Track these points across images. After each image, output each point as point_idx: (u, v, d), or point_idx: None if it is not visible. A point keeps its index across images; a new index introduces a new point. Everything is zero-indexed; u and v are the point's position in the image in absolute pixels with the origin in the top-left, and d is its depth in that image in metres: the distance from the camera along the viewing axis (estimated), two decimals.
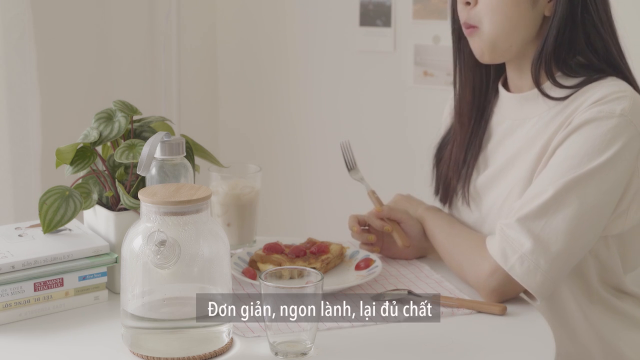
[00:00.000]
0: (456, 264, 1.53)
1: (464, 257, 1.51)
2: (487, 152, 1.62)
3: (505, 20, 1.48)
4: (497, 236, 1.45)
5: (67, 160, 1.47)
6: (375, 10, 2.98)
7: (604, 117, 1.42)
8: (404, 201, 1.72)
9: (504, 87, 1.61)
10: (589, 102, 1.45)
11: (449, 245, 1.56)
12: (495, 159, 1.60)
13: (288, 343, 1.24)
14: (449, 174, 1.67)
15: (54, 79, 2.62)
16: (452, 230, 1.58)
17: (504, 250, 1.43)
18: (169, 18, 3.02)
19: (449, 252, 1.56)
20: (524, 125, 1.55)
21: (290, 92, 3.22)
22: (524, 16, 1.49)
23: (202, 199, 1.23)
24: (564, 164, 1.43)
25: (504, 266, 1.43)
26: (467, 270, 1.49)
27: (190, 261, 1.23)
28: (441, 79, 2.91)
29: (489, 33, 1.50)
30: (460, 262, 1.51)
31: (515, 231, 1.43)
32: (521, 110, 1.56)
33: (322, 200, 3.21)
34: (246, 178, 1.66)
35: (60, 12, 2.66)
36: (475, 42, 1.53)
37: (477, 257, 1.48)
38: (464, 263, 1.50)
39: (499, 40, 1.50)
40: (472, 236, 1.54)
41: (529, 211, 1.43)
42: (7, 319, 1.35)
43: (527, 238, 1.42)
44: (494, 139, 1.62)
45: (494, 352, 1.29)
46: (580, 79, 1.49)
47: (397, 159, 3.04)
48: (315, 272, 1.26)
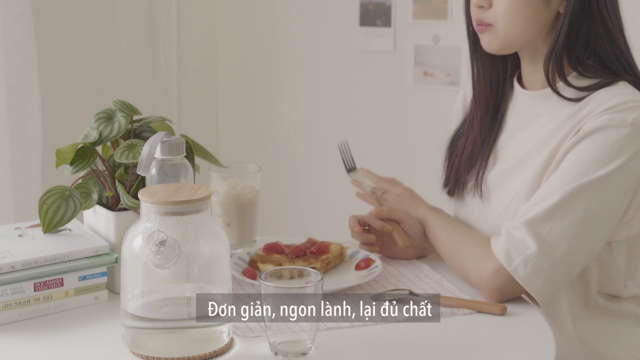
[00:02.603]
0: (458, 263, 1.53)
1: (467, 255, 1.51)
2: (498, 146, 1.63)
3: (520, 20, 1.50)
4: (503, 237, 1.45)
5: (67, 160, 1.47)
6: (375, 10, 2.98)
7: (615, 125, 1.43)
8: (406, 197, 1.72)
9: (518, 83, 1.62)
10: (601, 109, 1.45)
11: (452, 245, 1.56)
12: (506, 154, 1.61)
13: (288, 343, 1.24)
14: (460, 167, 1.67)
15: (54, 79, 2.63)
16: (456, 230, 1.58)
17: (508, 252, 1.43)
18: (169, 18, 3.02)
19: (452, 251, 1.55)
20: (535, 122, 1.56)
21: (290, 92, 3.22)
22: (538, 15, 1.50)
23: (202, 199, 1.23)
24: (573, 169, 1.44)
25: (508, 267, 1.43)
26: (470, 269, 1.49)
27: (190, 261, 1.23)
28: (441, 79, 2.91)
29: (502, 31, 1.52)
30: (463, 261, 1.51)
31: (522, 233, 1.43)
32: (533, 107, 1.57)
33: (322, 200, 3.21)
34: (246, 178, 1.66)
35: (60, 12, 2.66)
36: (485, 37, 1.55)
37: (481, 256, 1.48)
38: (467, 262, 1.50)
39: (512, 37, 1.52)
40: (477, 236, 1.54)
41: (536, 214, 1.43)
42: (7, 319, 1.35)
43: (533, 241, 1.42)
44: (505, 133, 1.62)
45: (494, 352, 1.29)
46: (593, 81, 1.50)
47: (397, 159, 3.04)
48: (315, 272, 1.26)
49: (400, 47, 2.97)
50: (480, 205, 1.62)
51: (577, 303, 1.55)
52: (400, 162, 3.03)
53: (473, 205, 1.64)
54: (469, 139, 1.66)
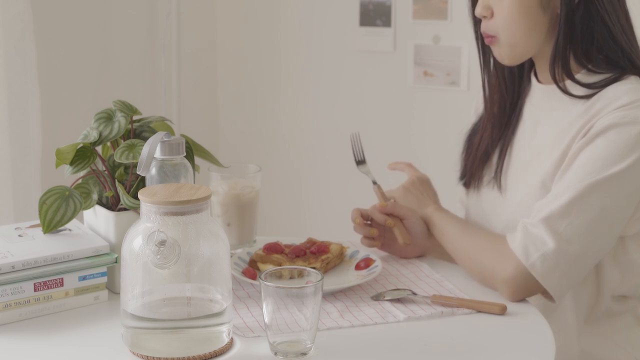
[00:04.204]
0: (472, 261, 1.52)
1: (483, 252, 1.50)
2: (515, 139, 1.64)
3: (520, 29, 1.52)
4: (520, 233, 1.46)
5: (67, 160, 1.47)
6: (375, 10, 2.98)
7: (629, 122, 1.44)
8: (415, 190, 1.69)
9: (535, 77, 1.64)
10: (613, 107, 1.46)
11: (465, 242, 1.55)
12: (523, 148, 1.62)
13: (288, 343, 1.24)
14: (475, 162, 1.68)
15: (54, 79, 2.63)
16: (468, 228, 1.58)
17: (526, 247, 1.44)
18: (169, 18, 3.02)
19: (465, 249, 1.54)
20: (550, 115, 1.57)
21: (290, 92, 3.22)
22: (537, 21, 1.52)
23: (202, 199, 1.22)
24: (587, 166, 1.45)
25: (525, 263, 1.43)
26: (487, 266, 1.48)
27: (190, 261, 1.23)
28: (441, 79, 2.91)
29: (506, 42, 1.54)
30: (479, 258, 1.51)
31: (539, 230, 1.44)
32: (548, 101, 1.59)
33: (322, 200, 3.21)
34: (246, 178, 1.66)
35: (60, 12, 2.66)
36: (495, 50, 1.57)
37: (498, 253, 1.48)
38: (484, 259, 1.50)
39: (517, 47, 1.54)
40: (490, 233, 1.55)
41: (552, 211, 1.44)
42: (7, 319, 1.35)
43: (551, 237, 1.43)
44: (522, 127, 1.64)
45: (494, 352, 1.29)
46: (602, 77, 1.51)
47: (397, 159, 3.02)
48: (315, 272, 1.26)
49: (400, 47, 2.97)
50: (498, 197, 1.63)
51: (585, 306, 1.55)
52: None
53: (490, 198, 1.64)
54: (483, 136, 1.68)
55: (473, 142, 1.71)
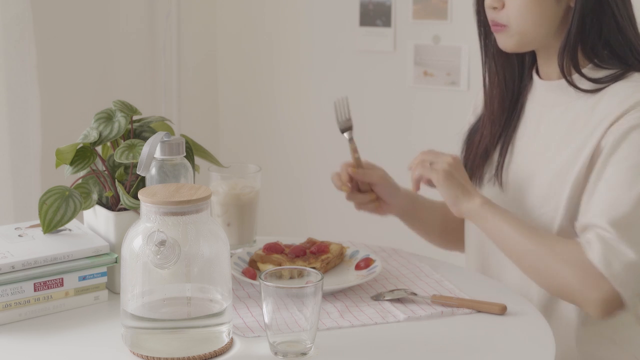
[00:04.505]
0: (546, 266, 1.47)
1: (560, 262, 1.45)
2: (517, 136, 1.64)
3: (533, 18, 1.52)
4: (597, 243, 1.42)
5: (67, 161, 1.47)
6: (375, 10, 2.98)
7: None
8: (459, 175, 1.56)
9: (537, 73, 1.64)
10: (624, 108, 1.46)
11: (533, 246, 1.48)
12: (526, 145, 1.62)
13: (288, 343, 1.24)
14: (476, 160, 1.69)
15: (54, 79, 2.63)
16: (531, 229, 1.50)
17: (606, 258, 1.41)
18: (169, 18, 3.02)
19: (536, 253, 1.48)
20: (552, 112, 1.58)
21: (290, 92, 3.22)
22: (550, 12, 1.52)
23: (202, 199, 1.22)
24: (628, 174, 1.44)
25: (607, 274, 1.41)
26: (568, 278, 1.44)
27: (190, 261, 1.23)
28: (441, 79, 2.91)
29: (517, 31, 1.54)
30: (556, 267, 1.46)
31: (615, 240, 1.41)
32: (550, 97, 1.59)
33: (322, 200, 3.21)
34: (246, 178, 1.66)
35: (60, 12, 2.66)
36: (501, 37, 1.57)
37: (578, 263, 1.43)
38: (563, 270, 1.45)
39: (526, 35, 1.54)
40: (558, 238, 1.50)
41: (620, 218, 1.42)
42: (7, 319, 1.35)
43: (628, 247, 1.41)
44: (524, 124, 1.64)
45: (494, 352, 1.29)
46: (607, 73, 1.52)
47: (397, 158, 3.02)
48: (315, 272, 1.26)
49: (400, 47, 2.97)
50: (500, 194, 1.63)
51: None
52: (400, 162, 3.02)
53: (491, 195, 1.64)
54: (483, 134, 1.69)
55: (473, 141, 1.72)
